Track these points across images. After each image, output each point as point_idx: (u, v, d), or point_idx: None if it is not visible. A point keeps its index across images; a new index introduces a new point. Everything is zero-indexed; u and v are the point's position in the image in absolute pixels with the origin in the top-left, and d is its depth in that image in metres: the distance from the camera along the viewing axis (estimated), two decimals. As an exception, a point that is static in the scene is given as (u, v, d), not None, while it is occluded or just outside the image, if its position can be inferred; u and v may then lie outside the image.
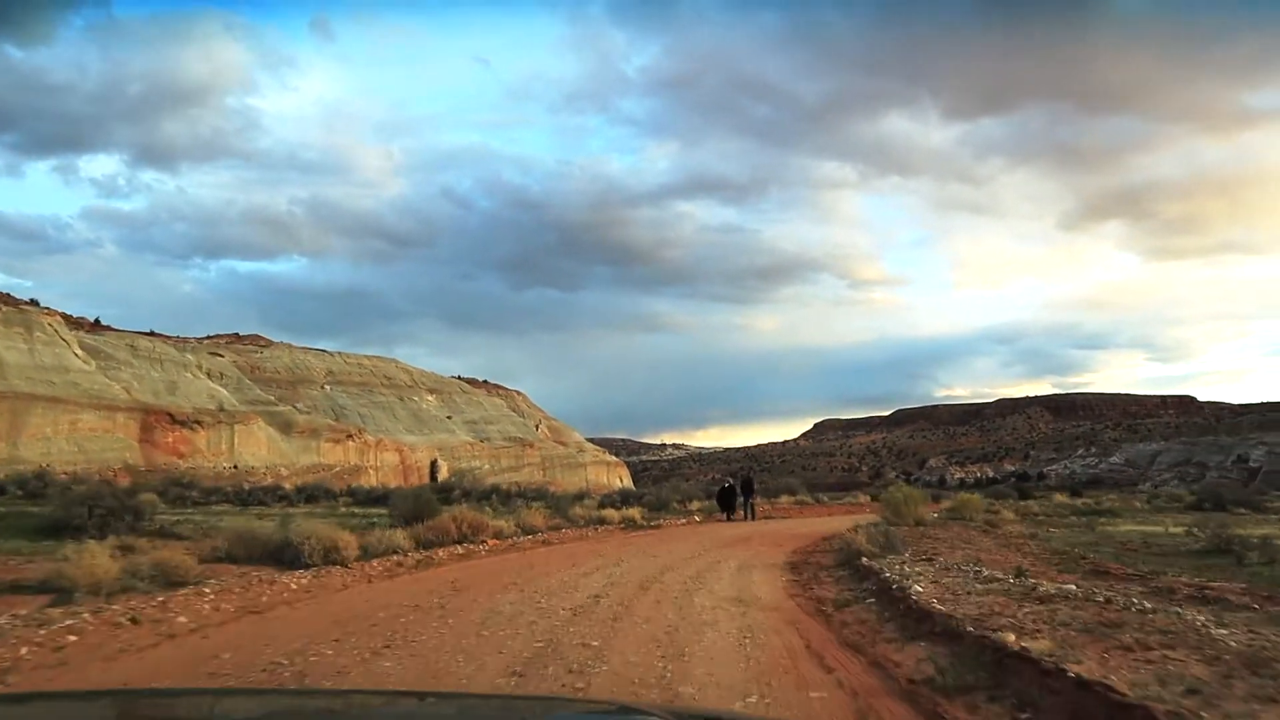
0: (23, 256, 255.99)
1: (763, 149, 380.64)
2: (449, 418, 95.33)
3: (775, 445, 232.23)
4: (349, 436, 76.76)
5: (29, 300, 62.87)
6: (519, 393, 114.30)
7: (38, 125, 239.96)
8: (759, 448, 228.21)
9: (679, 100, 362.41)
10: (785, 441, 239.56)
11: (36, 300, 63.48)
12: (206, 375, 70.82)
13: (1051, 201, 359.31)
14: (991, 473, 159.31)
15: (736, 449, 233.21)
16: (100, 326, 72.12)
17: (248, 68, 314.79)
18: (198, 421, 61.76)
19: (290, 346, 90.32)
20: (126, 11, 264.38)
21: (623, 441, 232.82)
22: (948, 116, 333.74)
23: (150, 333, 74.28)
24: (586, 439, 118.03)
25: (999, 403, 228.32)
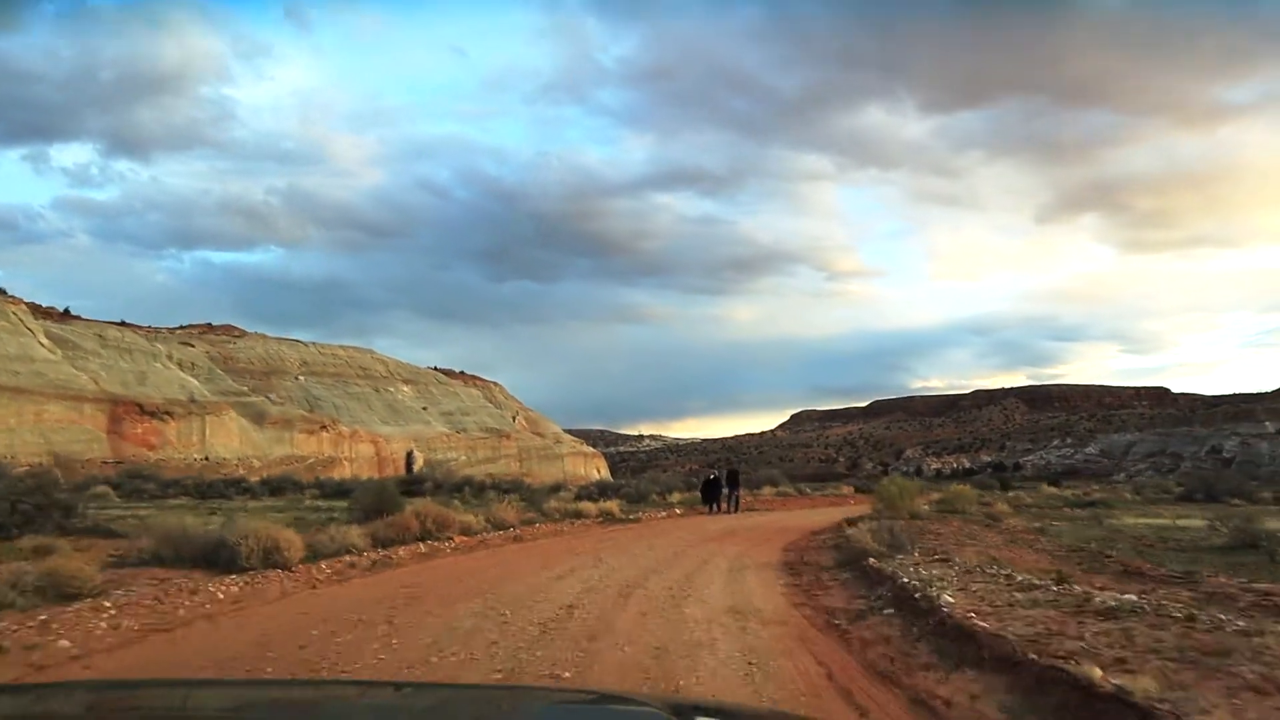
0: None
1: (740, 141, 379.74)
2: (425, 409, 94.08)
3: (752, 436, 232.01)
4: (323, 428, 75.60)
5: (-8, 289, 60.89)
6: (496, 384, 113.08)
7: (8, 113, 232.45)
8: (736, 439, 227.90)
9: (656, 91, 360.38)
10: (762, 432, 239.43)
11: (2, 289, 61.40)
12: (177, 366, 69.44)
13: (1028, 194, 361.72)
14: (968, 463, 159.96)
15: (714, 440, 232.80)
16: (69, 316, 70.35)
17: (222, 56, 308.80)
18: (168, 412, 60.53)
19: (264, 337, 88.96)
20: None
21: (600, 433, 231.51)
22: (925, 109, 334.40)
23: (121, 323, 72.47)
24: (564, 430, 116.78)
25: (975, 394, 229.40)
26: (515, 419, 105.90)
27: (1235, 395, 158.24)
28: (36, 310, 64.93)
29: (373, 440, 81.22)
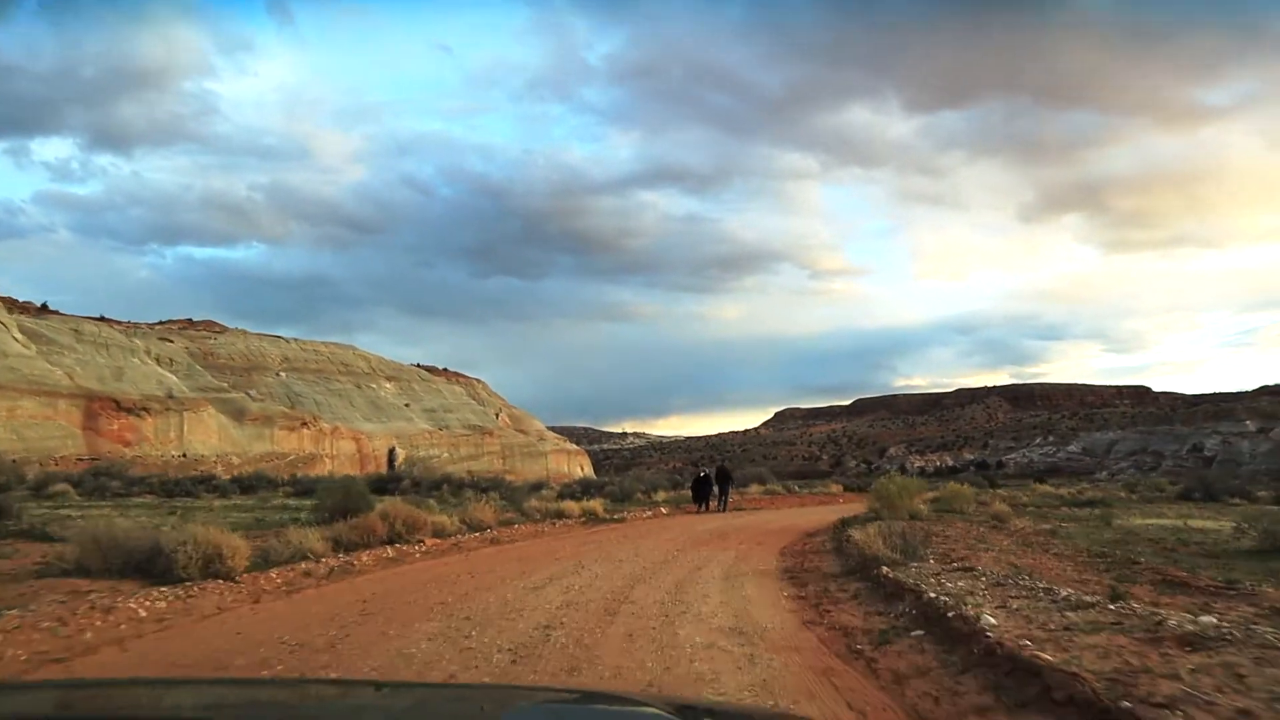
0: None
1: (725, 139, 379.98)
2: (407, 406, 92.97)
3: (736, 434, 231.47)
4: (304, 424, 74.53)
5: (-38, 282, 59.78)
6: (479, 381, 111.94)
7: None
8: (720, 436, 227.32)
9: (642, 89, 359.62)
10: (746, 430, 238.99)
11: (-24, 284, 60.17)
12: (155, 361, 68.12)
13: (1011, 194, 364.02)
14: (951, 461, 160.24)
15: (698, 438, 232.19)
16: (47, 311, 68.78)
17: (205, 51, 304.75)
18: (145, 409, 59.28)
19: (245, 333, 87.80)
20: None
21: (584, 430, 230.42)
22: (909, 108, 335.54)
23: (100, 318, 71.06)
24: (548, 428, 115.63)
25: (958, 392, 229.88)
26: (498, 416, 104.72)
27: (1216, 394, 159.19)
28: (12, 305, 63.60)
29: (354, 437, 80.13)
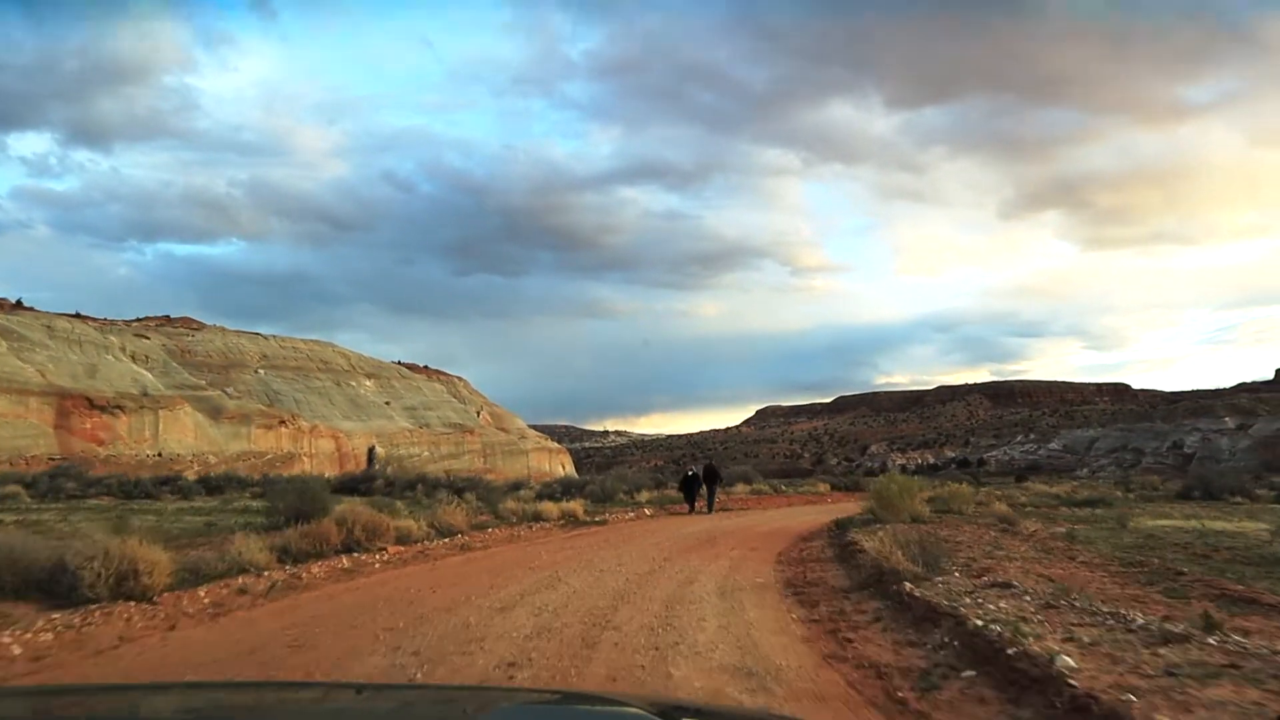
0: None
1: (707, 135, 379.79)
2: (387, 403, 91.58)
3: (718, 432, 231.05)
4: (282, 423, 73.12)
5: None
6: (460, 378, 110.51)
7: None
8: (702, 434, 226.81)
9: (624, 85, 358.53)
10: (728, 428, 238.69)
11: (-57, 280, 58.43)
12: (130, 358, 66.44)
13: (992, 191, 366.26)
14: (933, 459, 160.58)
15: (679, 436, 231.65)
16: (21, 307, 66.80)
17: (186, 46, 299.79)
18: (119, 407, 57.76)
19: (223, 329, 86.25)
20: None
21: (565, 428, 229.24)
22: (890, 105, 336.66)
23: (76, 314, 69.22)
24: (529, 426, 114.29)
25: (939, 390, 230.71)
26: (479, 414, 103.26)
27: (1195, 391, 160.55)
28: (-15, 301, 61.76)
29: (333, 435, 78.70)
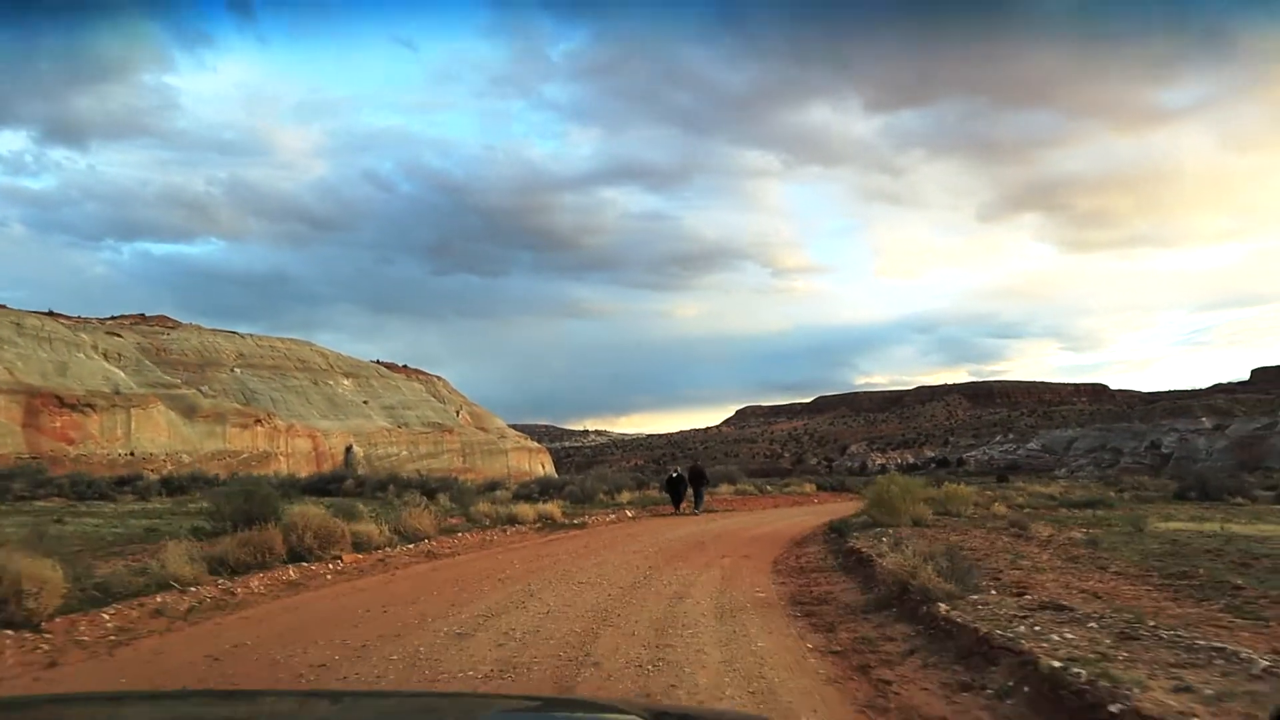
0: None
1: (687, 136, 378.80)
2: (365, 403, 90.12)
3: (698, 432, 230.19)
4: (258, 421, 71.66)
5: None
6: (439, 378, 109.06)
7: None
8: (682, 434, 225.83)
9: (604, 86, 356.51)
10: (708, 428, 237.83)
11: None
12: (103, 356, 64.79)
13: (970, 193, 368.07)
14: (912, 459, 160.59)
15: (659, 436, 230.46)
16: None
17: (164, 44, 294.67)
18: (89, 405, 56.34)
19: (199, 328, 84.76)
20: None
21: (545, 428, 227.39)
22: (870, 108, 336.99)
23: (49, 313, 67.40)
24: (509, 425, 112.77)
25: (918, 390, 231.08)
26: (459, 413, 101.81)
27: (1172, 392, 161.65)
28: (-47, 299, 59.78)
29: (310, 434, 77.22)
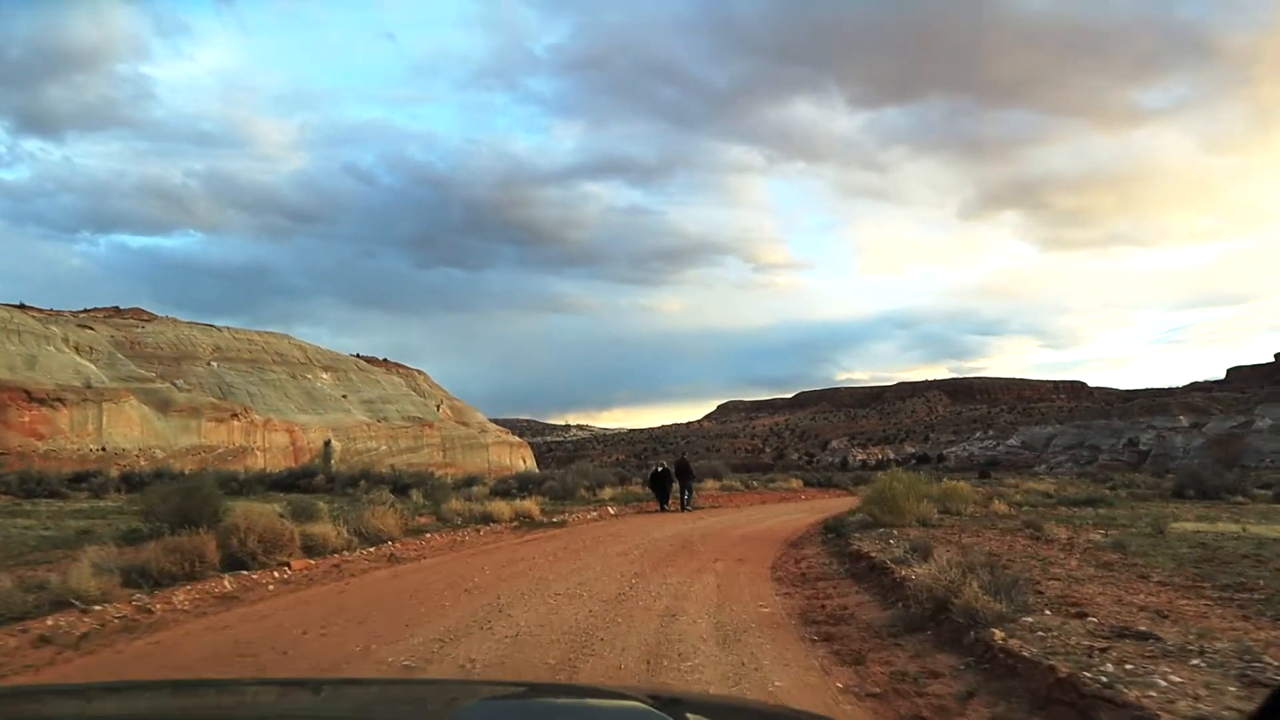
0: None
1: (670, 132, 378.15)
2: (344, 397, 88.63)
3: (679, 426, 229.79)
4: (234, 416, 70.15)
5: None
6: (420, 371, 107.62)
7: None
8: (664, 429, 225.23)
9: (587, 81, 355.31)
10: (690, 423, 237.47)
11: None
12: (74, 349, 63.04)
13: (952, 191, 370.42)
14: (892, 454, 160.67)
15: (641, 430, 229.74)
16: None
17: (140, 33, 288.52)
18: (59, 399, 54.82)
19: (175, 321, 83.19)
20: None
21: (527, 423, 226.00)
22: (853, 105, 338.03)
23: (20, 305, 65.42)
24: (490, 420, 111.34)
25: (898, 386, 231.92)
26: (439, 408, 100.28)
27: (1150, 390, 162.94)
28: (-80, 292, 58.05)
29: (288, 429, 75.83)
